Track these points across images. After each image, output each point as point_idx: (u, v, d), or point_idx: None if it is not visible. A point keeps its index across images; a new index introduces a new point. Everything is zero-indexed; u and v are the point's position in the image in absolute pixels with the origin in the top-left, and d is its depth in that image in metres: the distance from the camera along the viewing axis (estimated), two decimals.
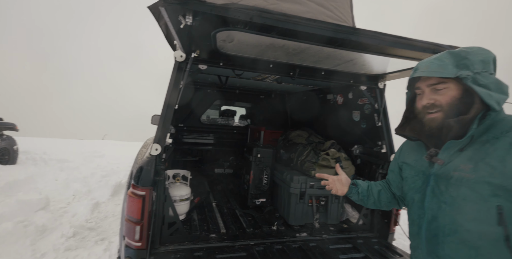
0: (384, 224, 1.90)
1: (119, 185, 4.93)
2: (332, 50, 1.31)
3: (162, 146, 1.44)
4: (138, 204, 1.36)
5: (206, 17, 1.02)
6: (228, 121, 4.12)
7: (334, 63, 1.57)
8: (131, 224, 1.37)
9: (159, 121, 1.47)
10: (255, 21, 1.02)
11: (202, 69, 1.61)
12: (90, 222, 3.49)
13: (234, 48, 1.41)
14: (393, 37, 1.16)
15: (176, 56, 1.47)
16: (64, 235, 2.97)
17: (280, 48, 1.32)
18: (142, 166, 1.43)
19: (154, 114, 3.67)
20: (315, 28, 1.07)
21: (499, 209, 0.70)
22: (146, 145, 2.22)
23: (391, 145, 1.91)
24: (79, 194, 4.48)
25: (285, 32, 1.10)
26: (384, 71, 1.72)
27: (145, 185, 1.39)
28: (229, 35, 1.21)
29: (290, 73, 1.73)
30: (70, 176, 5.35)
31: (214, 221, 1.97)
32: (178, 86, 1.51)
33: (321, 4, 1.92)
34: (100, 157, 7.95)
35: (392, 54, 1.30)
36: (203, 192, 2.70)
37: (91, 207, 3.85)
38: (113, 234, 3.23)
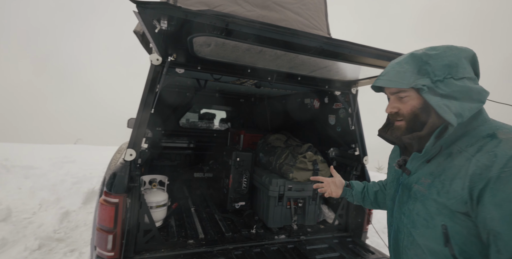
0: (358, 224, 1.99)
1: (91, 192, 4.67)
2: (306, 57, 1.37)
3: (137, 151, 1.40)
4: (110, 212, 1.31)
5: (182, 23, 1.02)
6: (208, 124, 4.08)
7: (309, 70, 1.63)
8: (103, 233, 1.31)
9: (134, 126, 1.43)
10: (231, 28, 1.04)
11: (179, 73, 1.60)
12: (59, 233, 3.27)
13: (211, 53, 1.42)
14: (362, 47, 1.23)
15: (152, 60, 1.45)
16: (28, 248, 2.75)
17: (257, 54, 1.35)
18: (115, 172, 1.38)
19: (130, 118, 3.55)
20: (289, 37, 1.11)
21: (444, 228, 0.68)
22: (120, 149, 2.14)
23: (363, 147, 2.01)
24: (46, 203, 4.17)
25: (261, 39, 1.13)
26: (356, 77, 1.82)
27: (118, 192, 1.34)
28: (206, 40, 1.21)
29: (268, 78, 1.77)
30: (36, 184, 4.97)
31: (192, 226, 1.94)
32: (154, 90, 1.48)
33: (297, 12, 1.99)
34: (71, 163, 7.47)
35: (362, 62, 1.38)
36: (181, 197, 2.64)
37: (60, 217, 3.60)
38: (85, 245, 3.05)
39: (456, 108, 0.68)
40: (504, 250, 0.58)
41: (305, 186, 2.09)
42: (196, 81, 2.43)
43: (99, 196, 1.75)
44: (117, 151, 2.14)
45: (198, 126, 4.00)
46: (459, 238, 0.66)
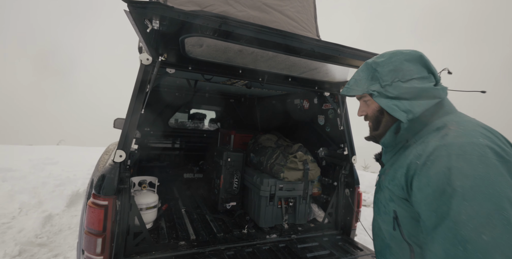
0: (347, 222, 2.04)
1: (76, 195, 4.51)
2: (297, 59, 1.39)
3: (126, 152, 1.38)
4: (99, 214, 1.28)
5: (174, 23, 1.01)
6: (197, 125, 4.04)
7: (300, 71, 1.66)
8: (91, 237, 1.28)
9: (123, 126, 1.40)
10: (224, 29, 1.04)
11: (170, 73, 1.58)
12: (41, 237, 3.14)
13: (203, 53, 1.41)
14: (352, 49, 1.27)
15: (142, 59, 1.43)
16: (7, 254, 2.62)
17: (249, 55, 1.36)
18: (104, 173, 1.35)
19: (117, 118, 3.45)
20: (282, 39, 1.13)
21: (394, 213, 0.75)
22: (108, 150, 2.09)
23: (352, 147, 2.06)
24: (27, 207, 4.00)
25: (253, 40, 1.14)
26: (345, 79, 1.87)
27: (107, 194, 1.31)
28: (198, 41, 1.21)
29: (259, 79, 1.78)
30: (15, 187, 4.74)
31: (183, 227, 1.92)
32: (144, 90, 1.46)
33: (287, 14, 2.01)
34: (53, 164, 7.18)
35: (351, 64, 1.42)
36: (172, 198, 2.61)
37: (42, 221, 3.46)
38: (69, 249, 2.94)
39: (405, 106, 0.76)
40: (424, 229, 0.64)
41: (295, 185, 2.12)
42: (186, 82, 2.41)
43: (86, 198, 1.70)
44: (104, 152, 2.09)
45: (188, 126, 3.95)
46: (406, 222, 0.73)
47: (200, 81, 2.41)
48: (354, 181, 2.01)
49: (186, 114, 4.49)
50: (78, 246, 1.81)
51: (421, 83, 0.78)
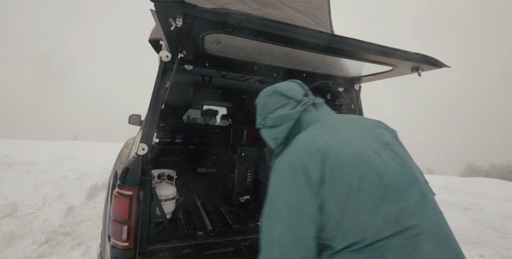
0: None
1: (94, 188, 4.71)
2: (313, 54, 1.41)
3: (148, 146, 1.45)
4: (125, 204, 1.36)
5: (196, 20, 1.05)
6: (210, 120, 4.12)
7: (315, 66, 1.67)
8: (117, 224, 1.36)
9: (145, 121, 1.46)
10: (244, 25, 1.08)
11: (188, 69, 1.64)
12: (64, 227, 3.32)
13: (220, 50, 1.45)
14: (368, 44, 1.28)
15: (162, 56, 1.48)
16: (36, 241, 2.80)
17: (265, 51, 1.39)
18: (128, 166, 1.43)
19: (131, 114, 3.56)
20: (299, 34, 1.15)
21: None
22: (128, 145, 2.18)
23: None
24: (50, 198, 4.21)
25: (271, 36, 1.17)
26: (359, 74, 1.86)
27: (131, 185, 1.39)
28: (217, 38, 1.25)
29: (274, 75, 1.81)
30: (39, 180, 5.00)
31: (200, 219, 2.00)
32: (164, 86, 1.52)
33: (300, 10, 2.02)
34: (71, 159, 7.49)
35: (366, 59, 1.42)
36: (188, 191, 2.70)
37: (65, 211, 3.65)
38: (90, 239, 3.10)
39: (274, 134, 0.99)
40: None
41: None
42: (201, 78, 2.47)
43: (111, 189, 1.80)
44: (124, 146, 2.18)
45: (200, 122, 4.03)
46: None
47: (214, 78, 2.46)
48: None
49: (198, 110, 4.58)
50: (103, 234, 1.93)
51: (283, 110, 0.99)
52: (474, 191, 6.31)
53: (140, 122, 3.42)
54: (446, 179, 7.97)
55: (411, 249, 0.74)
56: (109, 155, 7.96)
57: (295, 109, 0.98)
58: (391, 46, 1.35)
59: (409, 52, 1.35)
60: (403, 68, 1.51)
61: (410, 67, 1.49)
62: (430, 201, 0.82)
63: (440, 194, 5.90)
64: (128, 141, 2.49)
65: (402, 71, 1.57)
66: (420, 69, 1.48)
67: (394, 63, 1.45)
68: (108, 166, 6.49)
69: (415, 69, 1.49)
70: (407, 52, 1.35)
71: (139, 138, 1.96)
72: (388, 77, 1.74)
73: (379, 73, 1.68)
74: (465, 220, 4.57)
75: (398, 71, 1.58)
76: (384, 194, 0.78)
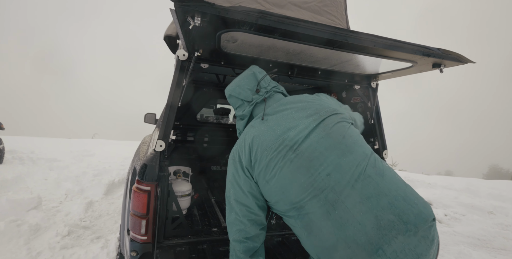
0: None
1: (112, 184, 4.89)
2: (330, 51, 1.39)
3: (166, 142, 1.48)
4: (143, 199, 1.40)
5: (214, 19, 1.06)
6: (223, 119, 4.15)
7: (330, 64, 1.65)
8: (136, 219, 1.41)
9: (162, 119, 1.50)
10: (260, 23, 1.08)
11: (204, 68, 1.66)
12: (85, 221, 3.47)
13: (236, 48, 1.46)
14: (387, 39, 1.24)
15: (179, 55, 1.51)
16: (59, 233, 2.95)
17: (281, 48, 1.38)
18: (146, 162, 1.47)
19: (147, 113, 3.65)
20: (315, 31, 1.14)
21: None
22: (145, 142, 2.24)
23: (383, 141, 2.01)
24: (71, 193, 4.42)
25: (287, 33, 1.16)
26: (376, 71, 1.82)
27: (150, 181, 1.43)
28: (233, 36, 1.26)
29: (288, 73, 1.80)
30: (61, 175, 5.25)
31: (215, 216, 2.02)
32: (181, 84, 1.55)
33: (314, 10, 2.00)
34: (90, 156, 7.81)
35: (385, 55, 1.39)
36: (201, 188, 2.74)
37: (85, 206, 3.82)
38: (109, 233, 3.23)
39: (239, 126, 1.29)
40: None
41: None
42: (215, 76, 2.49)
43: (129, 184, 1.86)
44: (142, 143, 2.25)
45: (213, 121, 4.08)
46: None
47: (228, 76, 2.47)
48: None
49: (211, 109, 4.63)
50: (121, 228, 1.99)
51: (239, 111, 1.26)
52: (499, 194, 6.00)
53: (155, 120, 3.51)
54: (468, 181, 7.62)
55: (332, 208, 0.86)
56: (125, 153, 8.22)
57: (246, 109, 1.23)
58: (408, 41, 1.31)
59: (431, 47, 1.30)
60: (424, 64, 1.46)
61: (432, 63, 1.44)
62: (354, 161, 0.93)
63: (461, 197, 5.65)
64: (145, 138, 2.56)
65: (423, 67, 1.51)
66: (442, 66, 1.43)
67: (415, 60, 1.40)
68: (124, 163, 6.72)
69: (436, 66, 1.44)
70: (429, 48, 1.30)
71: (156, 135, 2.01)
72: (407, 74, 1.68)
73: (398, 70, 1.63)
74: (489, 224, 4.36)
75: (418, 68, 1.53)
76: (298, 166, 0.95)
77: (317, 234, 0.88)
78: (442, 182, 7.07)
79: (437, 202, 5.47)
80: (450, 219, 4.69)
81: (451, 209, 5.13)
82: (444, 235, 3.98)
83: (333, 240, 0.84)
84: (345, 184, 0.88)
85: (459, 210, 5.08)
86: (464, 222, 4.58)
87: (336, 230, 0.84)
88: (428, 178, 8.20)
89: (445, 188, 6.50)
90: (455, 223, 4.56)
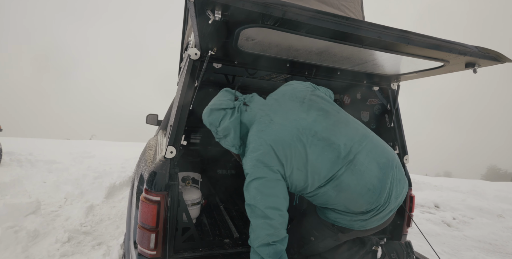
0: (396, 226, 1.90)
1: (113, 187, 4.76)
2: (356, 50, 1.28)
3: (177, 148, 1.37)
4: (153, 210, 1.28)
5: (236, 12, 0.95)
6: None
7: (353, 63, 1.54)
8: (145, 232, 1.29)
9: (174, 122, 1.39)
10: (287, 17, 0.97)
11: (216, 67, 1.55)
12: (85, 226, 3.34)
13: (254, 47, 1.35)
14: (423, 37, 1.13)
15: (190, 54, 1.40)
16: (59, 240, 2.82)
17: (303, 47, 1.27)
18: (155, 170, 1.36)
19: (149, 114, 3.52)
20: (346, 26, 1.03)
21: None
22: (151, 146, 2.12)
23: (403, 146, 1.90)
24: (71, 197, 4.28)
25: (315, 30, 1.05)
26: (400, 71, 1.71)
27: (159, 190, 1.32)
28: (253, 33, 1.15)
29: (305, 73, 1.69)
30: (60, 178, 5.11)
31: (225, 225, 1.91)
32: (192, 85, 1.44)
33: (332, 4, 1.89)
34: (90, 158, 7.66)
35: (416, 54, 1.28)
36: (208, 194, 2.62)
37: (85, 210, 3.69)
38: (110, 238, 3.10)
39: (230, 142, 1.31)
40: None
41: None
42: (224, 77, 2.37)
43: (135, 192, 1.74)
44: (147, 147, 2.13)
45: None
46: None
47: (238, 77, 2.36)
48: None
49: None
50: (126, 238, 1.87)
51: (225, 121, 1.26)
52: (506, 196, 5.91)
53: (157, 122, 3.38)
54: (473, 183, 7.54)
55: (353, 166, 1.12)
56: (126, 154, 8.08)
57: (233, 116, 1.26)
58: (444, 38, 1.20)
59: (468, 45, 1.19)
60: (456, 64, 1.35)
61: (465, 63, 1.33)
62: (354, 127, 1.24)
63: (469, 199, 5.56)
64: (150, 141, 2.44)
65: (454, 67, 1.40)
66: (476, 65, 1.32)
67: (448, 59, 1.29)
68: (125, 165, 6.58)
69: (470, 66, 1.33)
70: (466, 46, 1.19)
71: (163, 139, 1.89)
72: (435, 75, 1.57)
73: (425, 70, 1.52)
74: (499, 228, 4.26)
75: (449, 68, 1.42)
76: (322, 146, 1.13)
77: (346, 190, 1.10)
78: (447, 184, 6.98)
79: (445, 204, 5.37)
80: (459, 222, 4.59)
81: (459, 212, 5.04)
82: (454, 239, 3.88)
83: (358, 189, 1.09)
84: (356, 146, 1.15)
85: (467, 213, 4.98)
86: (473, 225, 4.49)
87: (359, 181, 1.10)
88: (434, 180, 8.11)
89: (451, 190, 6.41)
90: (464, 226, 4.46)
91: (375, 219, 1.16)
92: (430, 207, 5.33)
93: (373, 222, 1.18)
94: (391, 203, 1.15)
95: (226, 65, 1.54)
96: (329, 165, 1.10)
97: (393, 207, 1.18)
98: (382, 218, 1.18)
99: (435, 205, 5.43)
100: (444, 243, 3.69)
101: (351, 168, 1.10)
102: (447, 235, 3.99)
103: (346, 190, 1.10)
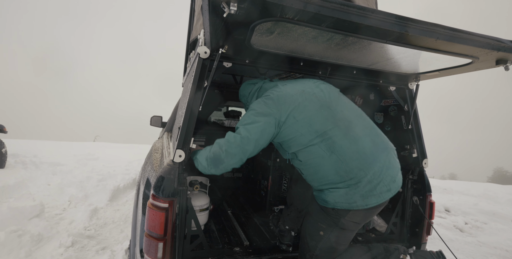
0: (414, 233, 1.80)
1: (117, 190, 4.70)
2: (378, 46, 1.19)
3: (185, 152, 1.29)
4: (160, 217, 1.20)
5: (253, 4, 0.87)
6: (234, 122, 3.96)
7: (372, 61, 1.45)
8: (152, 240, 1.21)
9: (182, 125, 1.31)
10: (309, 9, 0.89)
11: (226, 66, 1.47)
12: (89, 230, 3.27)
13: (267, 44, 1.27)
14: (454, 31, 1.04)
15: (200, 53, 1.32)
16: (63, 244, 2.75)
17: (324, 42, 1.19)
18: (163, 175, 1.28)
19: (153, 115, 3.45)
20: (373, 20, 0.95)
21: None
22: (156, 149, 2.05)
23: (422, 149, 1.80)
24: (75, 200, 4.23)
25: (338, 23, 0.97)
26: (419, 70, 1.61)
27: (167, 196, 1.24)
28: (270, 28, 1.07)
29: (319, 72, 1.60)
30: (64, 180, 5.07)
31: (234, 231, 1.82)
32: (202, 85, 1.36)
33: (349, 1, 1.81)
34: (94, 160, 7.64)
35: (443, 50, 1.19)
36: (215, 198, 2.54)
37: (89, 213, 3.62)
38: (115, 243, 3.03)
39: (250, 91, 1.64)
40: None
41: None
42: (232, 77, 2.30)
43: (141, 197, 1.66)
44: (153, 150, 2.05)
45: (224, 124, 3.88)
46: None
47: (246, 77, 2.28)
48: (425, 187, 1.75)
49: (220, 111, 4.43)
50: (132, 244, 1.79)
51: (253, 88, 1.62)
52: None
53: (161, 123, 3.31)
54: (483, 186, 7.34)
55: (348, 131, 1.25)
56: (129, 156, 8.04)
57: (260, 82, 1.58)
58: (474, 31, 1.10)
59: (503, 40, 1.10)
60: (487, 60, 1.25)
61: (496, 59, 1.23)
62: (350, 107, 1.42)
63: (481, 203, 5.39)
64: (155, 144, 2.36)
65: (483, 64, 1.30)
66: (509, 62, 1.22)
67: (477, 55, 1.20)
68: (129, 167, 6.53)
69: (502, 62, 1.23)
70: (500, 40, 1.10)
71: (169, 141, 1.82)
72: (460, 73, 1.47)
73: (451, 68, 1.42)
74: None
75: (477, 65, 1.32)
76: (320, 105, 1.30)
77: (338, 150, 1.20)
78: (457, 187, 6.80)
79: (456, 208, 5.21)
80: (471, 227, 4.43)
81: (471, 217, 4.87)
82: (468, 245, 3.73)
83: (350, 152, 1.20)
84: (354, 118, 1.33)
85: (480, 218, 4.82)
86: (487, 231, 4.32)
87: (351, 145, 1.22)
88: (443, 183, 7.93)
89: (462, 193, 6.23)
90: (477, 232, 4.30)
91: (372, 194, 1.19)
92: (440, 211, 5.17)
93: (371, 199, 1.19)
94: (386, 179, 1.21)
95: (237, 64, 1.46)
96: (322, 120, 1.25)
97: (390, 187, 1.23)
98: (379, 194, 1.20)
99: (446, 209, 5.27)
100: (458, 249, 3.54)
101: (344, 131, 1.23)
102: (460, 241, 3.84)
103: (338, 151, 1.20)
